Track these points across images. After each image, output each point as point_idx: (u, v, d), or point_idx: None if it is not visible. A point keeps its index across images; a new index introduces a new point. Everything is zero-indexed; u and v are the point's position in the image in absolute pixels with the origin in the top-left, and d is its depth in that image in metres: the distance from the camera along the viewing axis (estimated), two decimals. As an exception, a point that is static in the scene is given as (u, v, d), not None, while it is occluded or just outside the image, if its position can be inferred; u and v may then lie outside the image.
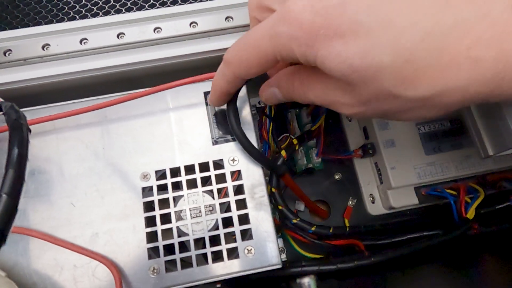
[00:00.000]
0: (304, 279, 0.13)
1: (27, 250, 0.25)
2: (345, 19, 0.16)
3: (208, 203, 0.27)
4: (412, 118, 0.19)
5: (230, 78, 0.22)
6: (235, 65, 0.21)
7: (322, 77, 0.19)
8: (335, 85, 0.19)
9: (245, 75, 0.21)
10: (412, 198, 0.35)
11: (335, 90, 0.19)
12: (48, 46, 0.28)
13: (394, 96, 0.17)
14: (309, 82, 0.20)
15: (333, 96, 0.19)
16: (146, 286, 0.25)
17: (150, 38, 0.28)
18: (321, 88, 0.20)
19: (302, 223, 0.29)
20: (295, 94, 0.21)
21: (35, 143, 0.28)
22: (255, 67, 0.20)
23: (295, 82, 0.21)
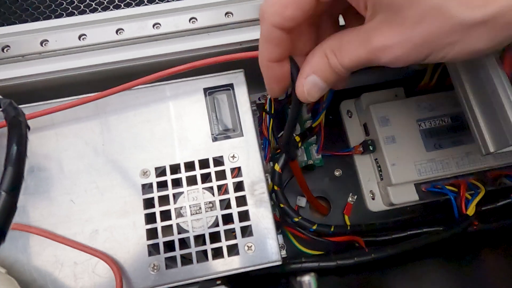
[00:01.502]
0: (304, 277, 0.13)
1: (27, 247, 0.25)
2: None
3: (208, 200, 0.27)
4: (462, 52, 0.16)
5: (267, 34, 0.19)
6: (269, 11, 0.18)
7: (355, 30, 0.18)
8: (373, 26, 0.17)
9: (280, 20, 0.18)
10: (413, 195, 0.34)
11: (374, 30, 0.17)
12: (47, 42, 0.28)
13: (446, 18, 0.15)
14: (342, 44, 0.18)
15: (373, 41, 0.17)
16: (146, 282, 0.25)
17: (149, 34, 0.28)
18: (358, 40, 0.18)
19: (303, 222, 0.29)
20: (333, 68, 0.19)
21: (35, 140, 0.28)
22: (291, 5, 0.17)
23: (328, 53, 0.19)
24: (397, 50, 0.17)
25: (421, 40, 0.16)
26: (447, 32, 0.16)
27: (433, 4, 0.15)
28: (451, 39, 0.16)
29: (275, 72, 0.20)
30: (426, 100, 0.36)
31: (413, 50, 0.17)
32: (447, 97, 0.36)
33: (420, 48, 0.17)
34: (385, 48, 0.17)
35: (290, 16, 0.17)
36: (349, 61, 0.18)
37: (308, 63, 0.20)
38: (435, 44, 0.16)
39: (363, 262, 0.28)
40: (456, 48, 0.16)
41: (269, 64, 0.20)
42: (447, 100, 0.36)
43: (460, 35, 0.16)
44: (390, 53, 0.17)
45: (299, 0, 0.17)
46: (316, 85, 0.20)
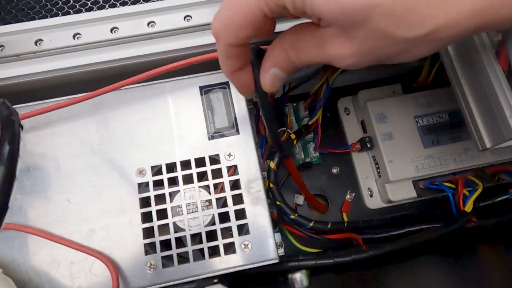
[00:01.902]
0: (296, 274, 0.13)
1: (23, 247, 0.25)
2: None
3: (204, 198, 0.27)
4: (407, 59, 0.19)
5: (226, 52, 0.20)
6: (223, 34, 0.19)
7: (312, 31, 0.19)
8: (328, 35, 0.18)
9: (237, 41, 0.19)
10: (410, 192, 0.34)
11: (328, 40, 0.18)
12: (41, 42, 0.28)
13: (388, 37, 0.17)
14: (299, 40, 0.19)
15: (327, 49, 0.19)
16: (143, 281, 0.25)
17: (144, 33, 0.28)
18: (314, 43, 0.19)
19: (300, 219, 0.29)
20: (292, 62, 0.20)
21: (30, 139, 0.28)
22: (244, 28, 0.18)
23: (287, 48, 0.20)
24: (349, 60, 0.19)
25: (369, 52, 0.18)
26: (390, 45, 0.18)
27: (375, 28, 0.17)
28: (395, 50, 0.18)
29: (243, 78, 0.22)
30: (424, 96, 0.36)
31: (363, 60, 0.19)
32: (445, 93, 0.36)
33: (369, 58, 0.19)
34: (339, 57, 0.19)
35: (244, 36, 0.19)
36: (306, 59, 0.20)
37: (269, 57, 0.21)
38: (381, 53, 0.18)
39: (360, 259, 0.28)
40: (401, 55, 0.18)
41: (235, 74, 0.21)
42: (445, 97, 0.36)
43: (402, 46, 0.18)
44: (343, 61, 0.19)
45: (252, 21, 0.18)
46: (278, 76, 0.21)
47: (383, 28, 0.16)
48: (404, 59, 0.19)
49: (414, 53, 0.18)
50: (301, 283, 0.13)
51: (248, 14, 0.18)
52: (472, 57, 0.23)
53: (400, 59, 0.19)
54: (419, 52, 0.18)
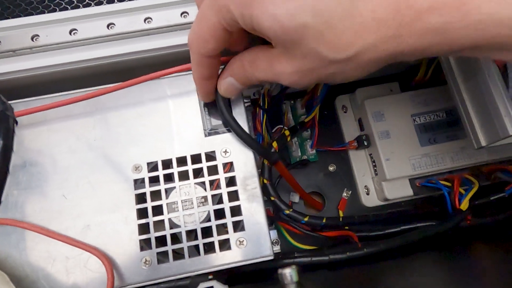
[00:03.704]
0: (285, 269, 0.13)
1: (19, 242, 0.25)
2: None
3: (200, 195, 0.27)
4: (345, 80, 0.21)
5: (197, 60, 0.23)
6: (194, 44, 0.22)
7: (265, 52, 0.21)
8: (275, 54, 0.21)
9: (206, 51, 0.22)
10: (407, 190, 0.34)
11: (276, 58, 0.21)
12: (37, 37, 0.28)
13: (321, 58, 0.19)
14: (256, 59, 0.22)
15: (275, 67, 0.21)
16: (138, 277, 0.25)
17: (140, 29, 0.28)
18: (266, 61, 0.21)
19: (295, 214, 0.29)
20: (247, 76, 0.23)
21: (26, 135, 0.28)
22: (210, 40, 0.21)
23: (244, 64, 0.23)
24: (292, 76, 0.21)
25: (308, 71, 0.20)
26: (325, 67, 0.20)
27: (310, 48, 0.19)
28: (330, 71, 0.20)
29: (208, 87, 0.25)
30: (421, 95, 0.36)
31: (305, 77, 0.21)
32: (442, 92, 0.36)
33: (310, 76, 0.21)
34: (283, 74, 0.21)
35: (211, 48, 0.21)
36: (259, 76, 0.22)
37: (228, 67, 0.24)
38: (319, 73, 0.20)
39: (355, 257, 0.28)
40: (338, 77, 0.21)
41: (202, 82, 0.25)
42: (442, 95, 0.36)
43: (336, 68, 0.20)
44: (287, 78, 0.21)
45: (216, 35, 0.21)
46: (232, 85, 0.24)
47: (315, 48, 0.19)
48: (342, 80, 0.21)
49: (349, 74, 0.20)
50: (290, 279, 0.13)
51: (211, 28, 0.20)
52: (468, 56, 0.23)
53: (338, 80, 0.21)
54: (353, 73, 0.20)
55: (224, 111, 0.26)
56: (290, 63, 0.20)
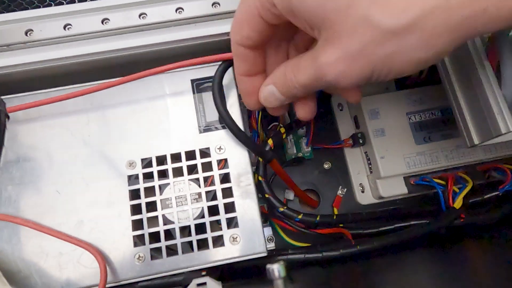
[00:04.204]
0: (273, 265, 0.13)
1: (12, 237, 0.25)
2: None
3: (194, 191, 0.27)
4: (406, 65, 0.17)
5: (234, 50, 0.22)
6: (232, 31, 0.21)
7: (309, 51, 0.20)
8: (320, 45, 0.18)
9: (240, 38, 0.21)
10: (401, 188, 0.35)
11: (321, 48, 0.18)
12: (31, 32, 0.28)
13: (374, 28, 0.16)
14: (299, 62, 0.20)
15: (319, 59, 0.18)
16: (131, 273, 0.25)
17: (135, 24, 0.28)
18: (309, 58, 0.19)
19: (289, 211, 0.29)
20: (289, 83, 0.21)
21: (20, 130, 0.28)
22: (244, 26, 0.20)
23: (287, 69, 0.21)
24: (339, 65, 0.18)
25: (358, 53, 0.17)
26: (379, 42, 0.16)
27: (360, 15, 0.16)
28: (386, 50, 0.16)
29: (246, 85, 0.24)
30: (416, 93, 0.36)
31: (354, 64, 0.17)
32: (437, 90, 0.36)
33: (361, 62, 0.17)
34: (328, 65, 0.18)
35: (245, 35, 0.20)
36: (302, 78, 0.20)
37: (271, 75, 0.22)
38: (373, 56, 0.17)
39: (349, 254, 0.28)
40: (396, 60, 0.17)
41: (241, 78, 0.23)
42: (437, 94, 0.36)
43: (393, 45, 0.16)
44: (333, 69, 0.18)
45: (251, 22, 0.20)
46: (273, 94, 0.22)
47: (365, 14, 0.16)
48: (402, 66, 0.17)
49: (409, 53, 0.16)
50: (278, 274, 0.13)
51: (246, 12, 0.20)
52: (462, 54, 0.23)
53: (397, 67, 0.17)
54: (415, 51, 0.16)
55: (221, 108, 0.26)
56: (336, 47, 0.17)
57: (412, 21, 0.15)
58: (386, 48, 0.16)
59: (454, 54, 0.25)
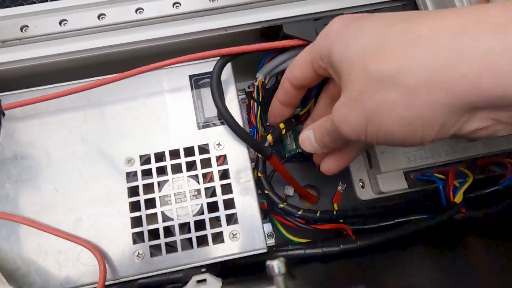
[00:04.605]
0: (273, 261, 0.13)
1: (10, 235, 0.25)
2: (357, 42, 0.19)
3: (193, 188, 0.26)
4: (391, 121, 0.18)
5: (282, 81, 0.26)
6: (287, 69, 0.25)
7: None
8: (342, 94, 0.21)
9: (289, 75, 0.25)
10: (402, 183, 0.34)
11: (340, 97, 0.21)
12: (27, 28, 0.27)
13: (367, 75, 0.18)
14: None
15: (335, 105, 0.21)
16: (130, 270, 0.25)
17: (131, 19, 0.27)
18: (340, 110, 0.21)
19: (288, 208, 0.29)
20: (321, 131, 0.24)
21: (17, 128, 0.27)
22: (296, 68, 0.24)
23: (326, 119, 0.23)
24: (342, 109, 0.20)
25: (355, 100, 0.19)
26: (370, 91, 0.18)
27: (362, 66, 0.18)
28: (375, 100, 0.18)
29: (276, 110, 0.28)
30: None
31: (352, 110, 0.19)
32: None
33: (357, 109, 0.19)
34: (336, 108, 0.21)
35: (295, 76, 0.25)
36: (328, 124, 0.23)
37: (314, 123, 0.25)
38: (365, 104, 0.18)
39: (349, 250, 0.28)
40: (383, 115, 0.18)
41: (276, 102, 0.28)
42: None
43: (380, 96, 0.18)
44: (338, 112, 0.20)
45: (302, 66, 0.24)
46: (309, 138, 0.25)
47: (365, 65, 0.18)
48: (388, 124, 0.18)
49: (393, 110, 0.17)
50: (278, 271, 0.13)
51: (301, 58, 0.24)
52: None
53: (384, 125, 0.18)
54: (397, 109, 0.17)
55: (219, 104, 0.26)
56: (344, 94, 0.20)
57: (394, 72, 0.17)
58: (375, 98, 0.18)
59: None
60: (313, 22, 0.28)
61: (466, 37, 0.15)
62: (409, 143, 0.18)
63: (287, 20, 0.28)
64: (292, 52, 0.29)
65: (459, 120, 0.17)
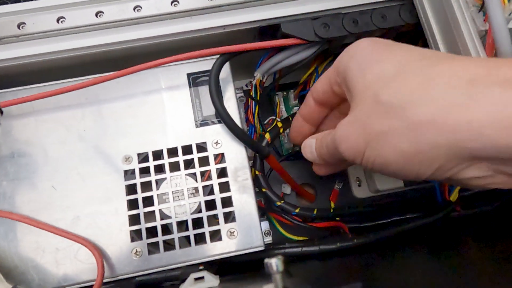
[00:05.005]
0: (271, 259, 0.13)
1: (8, 233, 0.25)
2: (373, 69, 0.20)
3: (191, 186, 0.27)
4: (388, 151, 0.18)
5: (306, 97, 0.26)
6: (313, 86, 0.26)
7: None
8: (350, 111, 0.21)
9: (313, 89, 0.25)
10: (398, 181, 0.35)
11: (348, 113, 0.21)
12: (24, 25, 0.27)
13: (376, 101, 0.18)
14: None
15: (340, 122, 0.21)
16: (128, 268, 0.25)
17: (130, 17, 0.27)
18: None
19: (286, 206, 0.29)
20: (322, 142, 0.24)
21: (14, 125, 0.27)
22: (318, 85, 0.25)
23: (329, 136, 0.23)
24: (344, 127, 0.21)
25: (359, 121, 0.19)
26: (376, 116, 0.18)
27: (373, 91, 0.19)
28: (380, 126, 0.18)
29: (297, 124, 0.27)
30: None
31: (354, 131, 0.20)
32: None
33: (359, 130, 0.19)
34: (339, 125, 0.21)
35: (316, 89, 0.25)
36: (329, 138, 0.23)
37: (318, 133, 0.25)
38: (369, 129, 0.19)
39: (346, 247, 0.28)
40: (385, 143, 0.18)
41: (298, 117, 0.27)
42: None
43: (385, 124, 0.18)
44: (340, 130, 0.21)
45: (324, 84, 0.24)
46: (310, 146, 0.25)
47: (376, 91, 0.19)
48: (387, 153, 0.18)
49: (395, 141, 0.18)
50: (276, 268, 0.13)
51: (324, 76, 0.24)
52: (458, 45, 0.23)
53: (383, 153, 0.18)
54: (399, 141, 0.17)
55: (217, 104, 0.26)
56: (350, 114, 0.20)
57: (404, 104, 0.17)
58: (380, 125, 0.18)
59: (451, 46, 0.25)
60: (311, 21, 0.28)
61: (477, 86, 0.16)
62: (403, 176, 0.19)
63: (285, 19, 0.28)
64: (290, 51, 0.29)
65: (458, 165, 0.17)
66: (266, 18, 0.28)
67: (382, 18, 0.28)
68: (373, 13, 0.28)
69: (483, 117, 0.15)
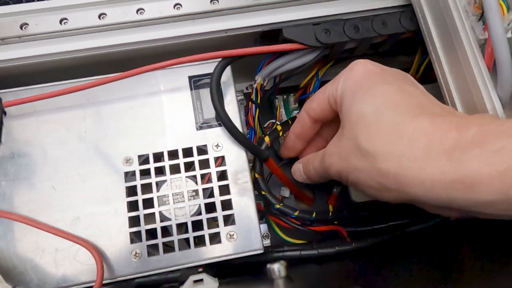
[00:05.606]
0: (274, 265, 0.13)
1: (7, 234, 0.25)
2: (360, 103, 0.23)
3: (191, 188, 0.27)
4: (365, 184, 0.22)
5: (299, 114, 0.28)
6: (306, 102, 0.27)
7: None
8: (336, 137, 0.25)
9: (307, 107, 0.27)
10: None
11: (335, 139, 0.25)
12: (27, 26, 0.27)
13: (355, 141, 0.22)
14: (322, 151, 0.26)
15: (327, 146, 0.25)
16: (128, 270, 0.25)
17: (132, 20, 0.27)
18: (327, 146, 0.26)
19: (285, 208, 0.29)
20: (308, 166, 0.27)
21: (15, 125, 0.27)
22: (314, 102, 0.26)
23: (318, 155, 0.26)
24: (330, 157, 0.24)
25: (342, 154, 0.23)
26: (353, 155, 0.22)
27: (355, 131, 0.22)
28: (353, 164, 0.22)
29: (290, 142, 0.29)
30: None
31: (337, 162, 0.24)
32: (434, 88, 0.36)
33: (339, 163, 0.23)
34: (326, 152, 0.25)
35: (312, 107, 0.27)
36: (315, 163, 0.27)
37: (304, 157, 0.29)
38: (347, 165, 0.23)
39: (344, 251, 0.28)
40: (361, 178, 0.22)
41: (291, 135, 0.29)
42: (433, 92, 0.36)
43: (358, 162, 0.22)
44: (327, 159, 0.25)
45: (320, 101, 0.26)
46: (299, 170, 0.29)
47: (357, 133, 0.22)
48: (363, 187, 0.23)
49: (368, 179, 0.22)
50: (279, 273, 0.13)
51: (321, 93, 0.26)
52: (458, 53, 0.24)
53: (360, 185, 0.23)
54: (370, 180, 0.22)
55: (218, 106, 0.26)
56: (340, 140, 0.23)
57: (375, 155, 0.21)
58: (356, 162, 0.22)
59: (450, 54, 0.25)
60: (313, 27, 0.28)
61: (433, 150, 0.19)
62: (378, 199, 0.23)
63: (287, 24, 0.28)
64: (291, 56, 0.30)
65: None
66: (268, 23, 0.28)
67: (382, 24, 0.28)
68: (374, 20, 0.29)
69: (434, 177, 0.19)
